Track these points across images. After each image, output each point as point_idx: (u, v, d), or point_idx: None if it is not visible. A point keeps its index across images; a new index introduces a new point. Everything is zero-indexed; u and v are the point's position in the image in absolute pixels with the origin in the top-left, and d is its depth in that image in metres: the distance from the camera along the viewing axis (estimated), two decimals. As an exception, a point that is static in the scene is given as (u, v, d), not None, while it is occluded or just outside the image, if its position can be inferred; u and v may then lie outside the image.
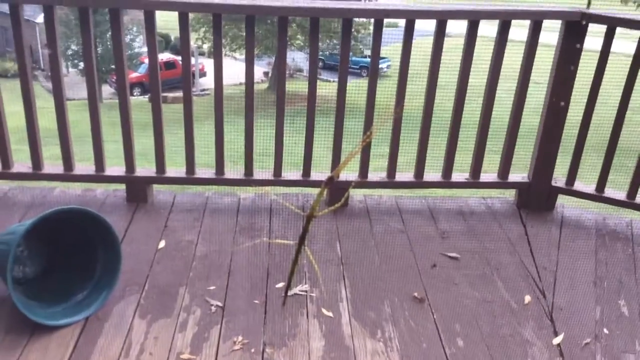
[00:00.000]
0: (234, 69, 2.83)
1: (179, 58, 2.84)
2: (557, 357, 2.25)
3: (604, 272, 2.75)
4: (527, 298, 2.55)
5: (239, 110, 3.00)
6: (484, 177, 3.13)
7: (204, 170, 3.12)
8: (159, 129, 2.92)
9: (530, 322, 2.41)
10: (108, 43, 16.41)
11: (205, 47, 19.83)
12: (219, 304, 2.40)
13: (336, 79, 2.91)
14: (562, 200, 3.20)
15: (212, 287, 2.49)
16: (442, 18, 2.73)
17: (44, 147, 2.98)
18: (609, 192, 3.06)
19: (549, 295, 2.56)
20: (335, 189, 3.06)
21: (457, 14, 2.77)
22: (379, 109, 2.97)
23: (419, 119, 3.02)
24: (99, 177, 2.99)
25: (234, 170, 3.11)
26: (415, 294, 2.51)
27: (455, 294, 2.55)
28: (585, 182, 3.15)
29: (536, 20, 2.78)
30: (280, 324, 2.34)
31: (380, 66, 3.00)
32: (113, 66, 2.81)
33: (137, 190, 3.04)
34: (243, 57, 2.88)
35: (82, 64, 12.97)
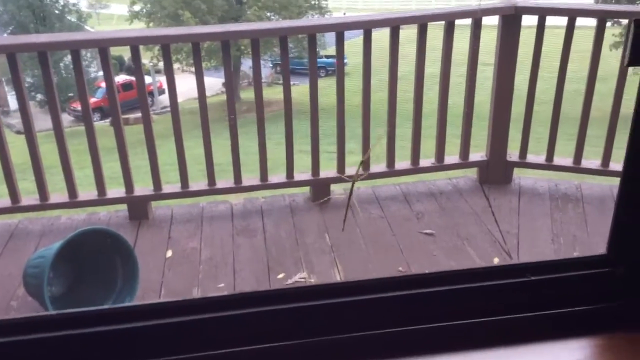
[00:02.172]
0: (194, 84, 3.11)
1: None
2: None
3: (559, 230, 3.15)
4: (496, 260, 2.93)
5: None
6: (448, 159, 3.51)
7: (197, 183, 3.42)
8: (153, 150, 3.21)
9: (501, 280, 2.79)
10: (63, 72, 16.44)
11: (161, 65, 19.87)
12: (230, 298, 2.71)
13: (297, 82, 3.24)
14: (518, 172, 3.60)
15: (221, 285, 2.80)
16: (394, 25, 3.09)
17: (18, 181, 3.16)
18: (557, 160, 3.46)
19: (514, 255, 2.95)
20: (318, 185, 3.41)
21: (407, 20, 3.14)
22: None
23: (382, 111, 3.36)
24: (102, 200, 3.26)
25: (224, 179, 3.42)
26: (400, 269, 2.87)
27: (434, 265, 2.92)
28: (538, 153, 3.55)
29: (476, 18, 3.16)
30: (286, 308, 2.66)
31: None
32: (71, 94, 3.06)
33: (138, 208, 3.33)
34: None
35: (39, 96, 12.88)
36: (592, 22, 3.31)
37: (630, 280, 0.86)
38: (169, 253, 3.07)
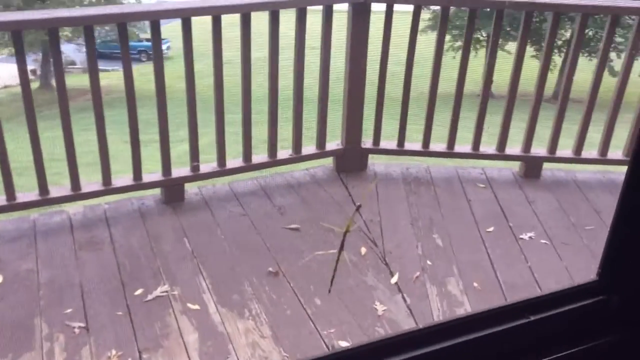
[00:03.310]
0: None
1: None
2: (397, 294, 2.65)
3: (416, 214, 3.23)
4: (363, 250, 2.91)
5: (11, 117, 2.84)
6: (305, 149, 3.42)
7: (25, 193, 2.94)
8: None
9: (370, 270, 2.78)
10: None
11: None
12: (81, 324, 2.37)
13: (114, 68, 2.94)
14: (372, 159, 3.63)
15: (68, 310, 2.43)
16: (245, 11, 2.89)
17: None
18: (408, 145, 3.55)
19: (380, 243, 2.96)
20: (171, 185, 3.13)
21: (260, 6, 2.96)
22: (170, 92, 3.03)
23: (210, 96, 3.14)
24: None
25: (58, 186, 2.99)
26: (270, 269, 2.73)
27: (303, 261, 2.82)
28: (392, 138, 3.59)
29: (327, 5, 3.08)
30: (150, 328, 2.39)
31: (163, 47, 3.08)
32: None
33: (-50, 228, 2.77)
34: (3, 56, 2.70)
35: None
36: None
37: (626, 311, 0.80)
38: (-1, 278, 2.59)
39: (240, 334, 2.38)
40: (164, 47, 2.89)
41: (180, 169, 3.19)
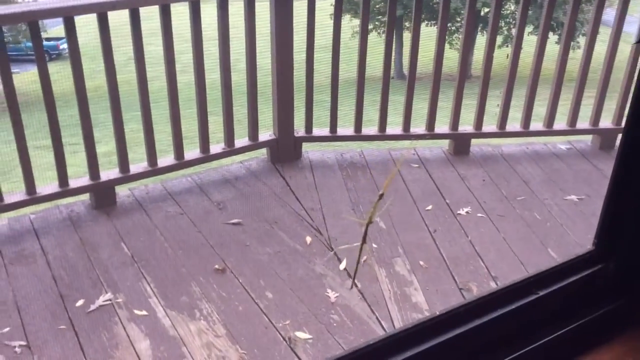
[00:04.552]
0: None
1: None
2: (347, 279, 2.66)
3: (356, 199, 3.25)
4: (308, 239, 2.90)
5: None
6: (238, 142, 3.35)
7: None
8: None
9: (317, 258, 2.78)
10: None
11: None
12: (22, 343, 2.22)
13: (18, 70, 2.79)
14: (306, 147, 3.61)
15: (6, 330, 2.28)
16: (166, 3, 2.78)
17: None
18: (340, 130, 3.56)
19: (324, 231, 2.96)
20: (101, 189, 2.99)
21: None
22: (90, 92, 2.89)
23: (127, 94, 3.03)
24: None
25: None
26: (216, 266, 2.66)
27: (250, 255, 2.78)
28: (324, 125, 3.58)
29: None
30: (97, 339, 2.28)
31: (62, 47, 2.95)
32: None
33: None
34: None
35: None
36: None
37: (622, 277, 0.82)
38: None
39: (194, 335, 2.31)
40: (61, 46, 2.74)
41: (108, 172, 3.05)
